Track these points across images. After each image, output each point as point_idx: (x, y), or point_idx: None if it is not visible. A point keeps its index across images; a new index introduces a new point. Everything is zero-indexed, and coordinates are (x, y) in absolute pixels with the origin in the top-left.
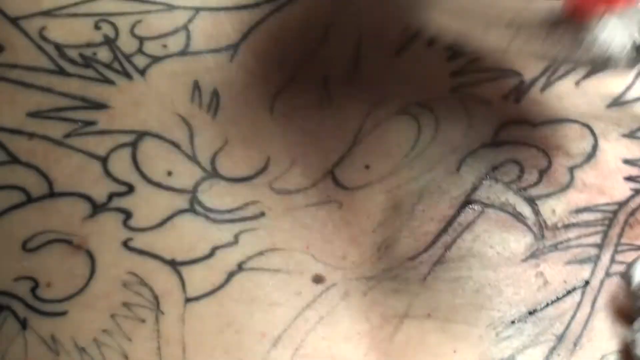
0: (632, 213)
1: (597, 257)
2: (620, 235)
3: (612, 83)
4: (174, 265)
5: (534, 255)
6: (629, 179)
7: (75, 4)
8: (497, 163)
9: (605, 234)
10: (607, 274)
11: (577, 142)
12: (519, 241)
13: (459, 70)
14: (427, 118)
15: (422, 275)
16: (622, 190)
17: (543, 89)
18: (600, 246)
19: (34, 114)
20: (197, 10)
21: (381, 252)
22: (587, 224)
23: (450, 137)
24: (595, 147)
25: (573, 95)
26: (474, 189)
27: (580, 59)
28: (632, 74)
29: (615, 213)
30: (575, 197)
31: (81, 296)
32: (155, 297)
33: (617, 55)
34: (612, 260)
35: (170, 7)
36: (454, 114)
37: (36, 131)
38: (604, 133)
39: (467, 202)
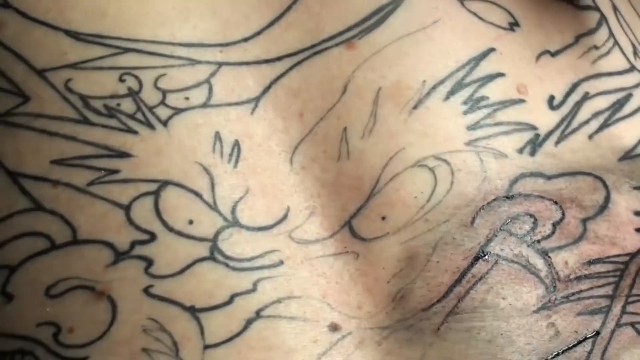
0: None
1: (609, 308)
2: (631, 287)
3: (624, 137)
4: (194, 311)
5: (545, 306)
6: None
7: (101, 58)
8: (511, 216)
9: (617, 285)
10: (618, 325)
11: (590, 194)
12: (531, 293)
13: (474, 124)
14: (443, 170)
15: (436, 325)
16: (634, 242)
17: (557, 142)
18: (611, 297)
19: (58, 162)
20: (220, 64)
21: (396, 302)
22: (598, 275)
23: (466, 189)
24: (607, 199)
25: (586, 148)
26: (488, 241)
27: None
28: None
29: (626, 264)
30: (587, 249)
31: (102, 341)
32: (175, 344)
33: None
34: (624, 311)
35: (193, 62)
36: (469, 166)
37: (60, 179)
38: (615, 185)
39: (480, 254)
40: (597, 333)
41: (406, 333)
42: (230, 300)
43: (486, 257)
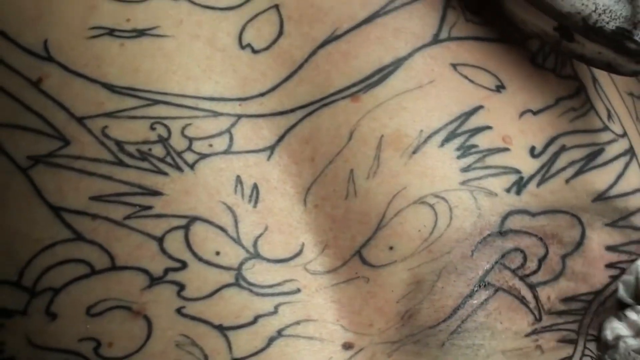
0: (603, 302)
1: (576, 342)
2: (588, 326)
3: (596, 182)
4: (222, 329)
5: (534, 332)
6: (609, 265)
7: (134, 108)
8: (504, 251)
9: (580, 323)
10: (584, 354)
11: (568, 230)
12: (523, 320)
13: (467, 167)
14: (442, 207)
15: (441, 341)
16: (601, 278)
17: (539, 184)
18: (577, 332)
19: (97, 198)
20: (239, 116)
21: (404, 320)
22: (571, 312)
23: (463, 224)
24: (583, 235)
25: (564, 190)
26: (487, 272)
27: None
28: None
29: (590, 303)
30: (565, 286)
31: (139, 354)
32: (205, 356)
33: None
34: (585, 347)
35: (216, 114)
36: (464, 203)
37: (99, 213)
38: (590, 223)
39: (482, 283)
40: (571, 358)
41: (414, 347)
42: (254, 321)
43: (487, 286)
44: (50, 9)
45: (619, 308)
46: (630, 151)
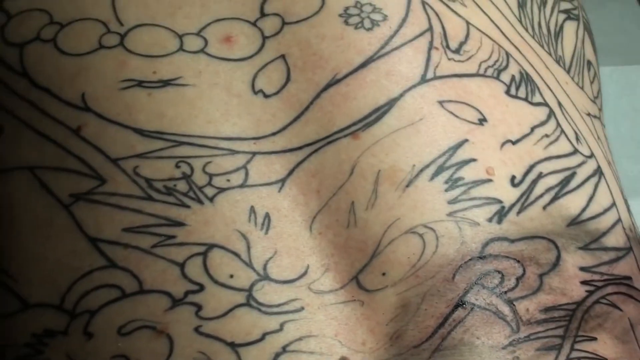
0: (587, 310)
1: (561, 346)
2: (578, 328)
3: (570, 207)
4: (233, 346)
5: (511, 344)
6: (584, 282)
7: (161, 149)
8: (483, 272)
9: (567, 328)
10: (568, 358)
11: (545, 254)
12: (500, 333)
13: (454, 199)
14: (430, 236)
15: (424, 359)
16: (579, 292)
17: (519, 212)
18: (563, 337)
19: (128, 230)
20: (254, 154)
21: (392, 340)
22: (552, 319)
23: (448, 252)
24: (558, 258)
25: (541, 217)
26: (466, 292)
27: None
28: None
29: (574, 311)
30: (544, 299)
31: None
32: None
33: None
34: (572, 348)
35: (233, 152)
36: (450, 233)
37: (130, 242)
38: (564, 246)
39: (460, 302)
40: None
41: None
42: (262, 338)
43: (464, 305)
44: (87, 66)
45: None
46: (598, 171)
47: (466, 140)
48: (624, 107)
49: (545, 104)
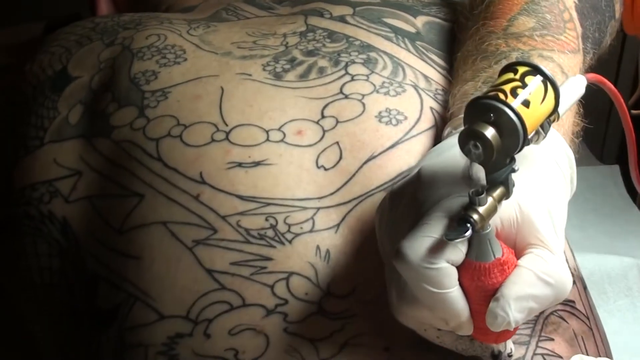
0: (546, 318)
1: (529, 342)
2: (541, 330)
3: None
4: (312, 341)
5: None
6: None
7: (255, 209)
8: None
9: (532, 329)
10: (535, 354)
11: None
12: None
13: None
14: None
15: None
16: None
17: None
18: (530, 336)
19: (234, 263)
20: (318, 209)
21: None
22: (524, 322)
23: None
24: None
25: None
26: None
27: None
28: None
29: (537, 317)
30: None
31: (262, 358)
32: (303, 358)
33: None
34: (537, 345)
35: (304, 208)
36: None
37: (235, 272)
38: None
39: None
40: (524, 358)
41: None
42: (330, 335)
43: None
44: (203, 154)
45: None
46: None
47: None
48: None
49: None
